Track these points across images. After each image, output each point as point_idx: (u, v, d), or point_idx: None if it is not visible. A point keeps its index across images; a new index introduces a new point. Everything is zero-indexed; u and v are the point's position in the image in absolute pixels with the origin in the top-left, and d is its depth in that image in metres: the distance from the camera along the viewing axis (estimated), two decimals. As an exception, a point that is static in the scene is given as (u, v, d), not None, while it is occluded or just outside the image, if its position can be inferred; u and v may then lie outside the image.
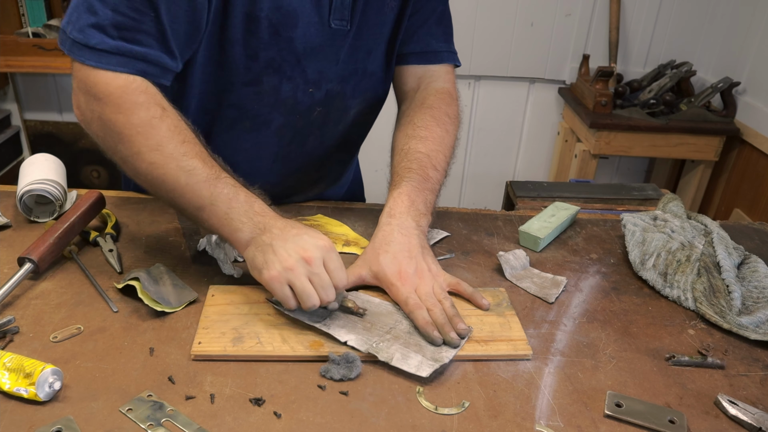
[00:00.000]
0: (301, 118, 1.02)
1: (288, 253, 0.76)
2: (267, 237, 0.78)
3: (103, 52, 0.79)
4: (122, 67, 0.80)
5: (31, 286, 0.86)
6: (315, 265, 0.76)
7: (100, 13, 0.78)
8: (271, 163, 1.06)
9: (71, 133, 2.77)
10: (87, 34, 0.79)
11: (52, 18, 2.50)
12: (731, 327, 0.84)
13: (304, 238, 0.77)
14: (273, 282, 0.76)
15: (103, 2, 0.78)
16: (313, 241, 0.77)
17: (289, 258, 0.75)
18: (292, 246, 0.76)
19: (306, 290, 0.75)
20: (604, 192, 1.38)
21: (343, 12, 0.94)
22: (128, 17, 0.79)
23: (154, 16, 0.80)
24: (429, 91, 1.07)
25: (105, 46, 0.79)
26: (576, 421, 0.68)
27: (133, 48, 0.80)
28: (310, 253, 0.76)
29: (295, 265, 0.75)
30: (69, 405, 0.66)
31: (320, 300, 0.76)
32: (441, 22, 1.08)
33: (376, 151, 1.30)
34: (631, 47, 2.58)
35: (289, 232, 0.78)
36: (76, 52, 0.80)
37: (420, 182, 0.95)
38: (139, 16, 0.79)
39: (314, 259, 0.76)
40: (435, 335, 0.77)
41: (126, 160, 0.82)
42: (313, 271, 0.76)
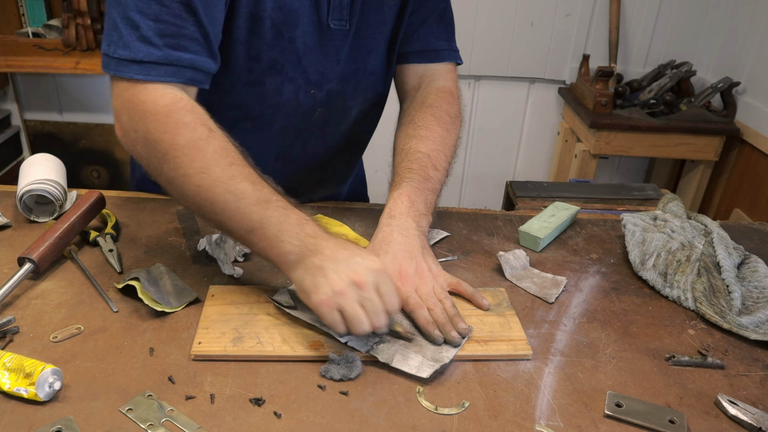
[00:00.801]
0: (303, 119, 1.02)
1: (339, 276, 0.72)
2: (318, 259, 0.74)
3: (151, 64, 0.78)
4: (172, 77, 0.79)
5: (31, 286, 0.86)
6: (367, 290, 0.72)
7: (142, 25, 0.77)
8: (272, 163, 1.06)
9: (71, 133, 2.77)
10: (133, 48, 0.77)
11: (52, 18, 2.50)
12: (731, 327, 0.84)
13: (356, 260, 0.74)
14: (322, 306, 0.73)
15: (143, 14, 0.77)
16: (366, 264, 0.74)
17: (339, 281, 0.72)
18: (344, 269, 0.73)
19: (357, 316, 0.72)
20: (604, 192, 1.38)
21: (341, 12, 0.94)
22: (170, 24, 0.78)
23: (194, 21, 0.80)
24: (430, 90, 1.07)
25: (153, 57, 0.78)
26: (576, 421, 0.68)
27: (181, 55, 0.80)
28: (363, 277, 0.72)
29: (346, 289, 0.72)
30: (69, 405, 0.66)
31: (371, 326, 0.73)
32: (442, 20, 1.08)
33: (377, 150, 1.30)
34: (631, 47, 2.58)
35: (340, 254, 0.75)
36: (123, 69, 0.78)
37: (420, 182, 0.95)
38: (181, 21, 0.79)
39: (366, 283, 0.72)
40: (436, 334, 0.77)
41: (172, 182, 0.80)
42: (364, 296, 0.72)
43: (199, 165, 0.77)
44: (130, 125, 0.80)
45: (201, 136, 0.78)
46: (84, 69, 2.34)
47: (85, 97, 2.72)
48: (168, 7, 0.78)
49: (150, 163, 0.81)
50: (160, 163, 0.79)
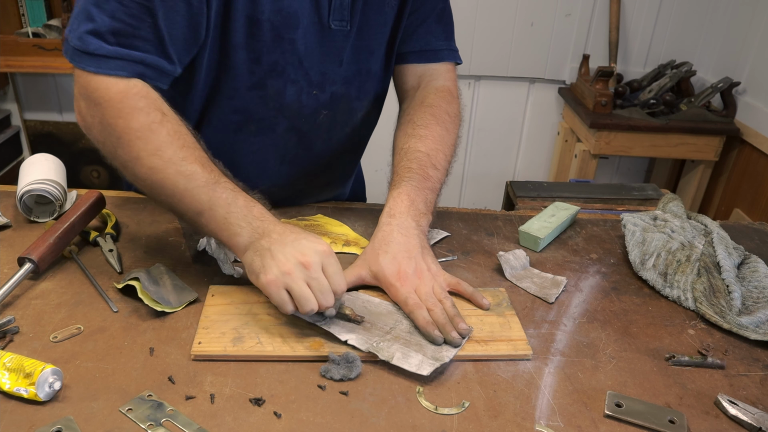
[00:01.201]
0: (307, 121, 1.02)
1: (286, 257, 0.75)
2: (265, 241, 0.77)
3: (101, 57, 0.79)
4: (120, 70, 0.80)
5: (31, 286, 0.86)
6: (313, 270, 0.75)
7: (97, 19, 0.79)
8: (278, 165, 1.06)
9: (71, 133, 2.77)
10: (85, 40, 0.79)
11: (52, 18, 2.50)
12: (731, 327, 0.84)
13: (302, 242, 0.76)
14: (270, 286, 0.75)
15: (101, 9, 0.78)
16: (312, 246, 0.76)
17: (287, 262, 0.74)
18: (291, 250, 0.75)
19: (304, 294, 0.74)
20: (604, 192, 1.38)
21: (342, 12, 0.93)
22: (126, 23, 0.79)
23: (151, 23, 0.80)
24: (429, 90, 1.07)
25: (103, 51, 0.79)
26: (576, 421, 0.68)
27: (131, 53, 0.81)
28: (309, 257, 0.75)
29: (293, 269, 0.74)
30: (69, 405, 0.66)
31: (318, 305, 0.75)
32: (441, 19, 1.08)
33: (376, 150, 1.30)
34: (631, 47, 2.58)
35: (287, 237, 0.77)
36: (76, 59, 0.80)
37: (420, 182, 0.95)
38: (137, 22, 0.80)
39: (313, 263, 0.75)
40: (436, 335, 0.77)
41: (126, 165, 0.82)
42: (311, 276, 0.74)
43: (152, 147, 0.79)
44: (87, 110, 0.82)
45: (155, 120, 0.80)
46: (84, 69, 2.34)
47: (85, 97, 2.71)
48: (126, 6, 0.79)
49: (106, 147, 0.83)
50: (115, 147, 0.81)
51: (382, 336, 0.78)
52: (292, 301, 0.75)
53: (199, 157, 0.81)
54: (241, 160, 1.02)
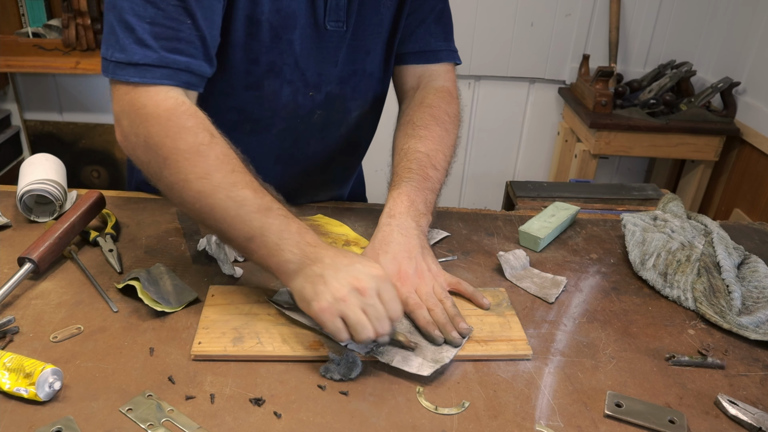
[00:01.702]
0: (302, 121, 1.02)
1: (340, 283, 0.71)
2: (318, 267, 0.73)
3: (147, 66, 0.78)
4: (168, 79, 0.79)
5: (31, 286, 0.86)
6: (369, 296, 0.71)
7: (138, 28, 0.77)
8: (272, 165, 1.06)
9: (71, 133, 2.77)
10: (129, 50, 0.77)
11: (52, 18, 2.50)
12: (731, 327, 0.84)
13: (357, 267, 0.73)
14: (323, 314, 0.71)
15: (139, 17, 0.77)
16: (367, 270, 0.73)
17: (341, 288, 0.71)
18: (344, 275, 0.72)
19: (360, 322, 0.70)
20: (604, 192, 1.38)
21: (338, 13, 0.93)
22: (166, 27, 0.78)
23: (191, 24, 0.79)
24: (428, 90, 1.07)
25: (149, 60, 0.78)
26: (576, 421, 0.68)
27: (177, 58, 0.79)
28: (364, 283, 0.71)
29: (348, 295, 0.71)
30: (69, 405, 0.66)
31: (375, 332, 0.71)
32: (440, 20, 1.08)
33: (376, 151, 1.30)
34: (631, 47, 2.58)
35: (340, 262, 0.74)
36: (119, 72, 0.78)
37: (420, 182, 0.95)
38: (177, 24, 0.79)
39: (368, 289, 0.71)
40: (436, 334, 0.77)
41: (172, 188, 0.79)
42: (367, 302, 0.71)
43: (201, 170, 0.76)
44: (130, 129, 0.80)
45: (203, 141, 0.78)
46: (84, 69, 2.34)
47: (85, 97, 2.72)
48: (164, 10, 0.77)
49: (150, 168, 0.80)
50: (161, 168, 0.78)
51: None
52: (346, 328, 0.72)
53: (250, 182, 0.78)
54: None
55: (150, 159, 0.79)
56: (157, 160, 0.78)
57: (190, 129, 0.78)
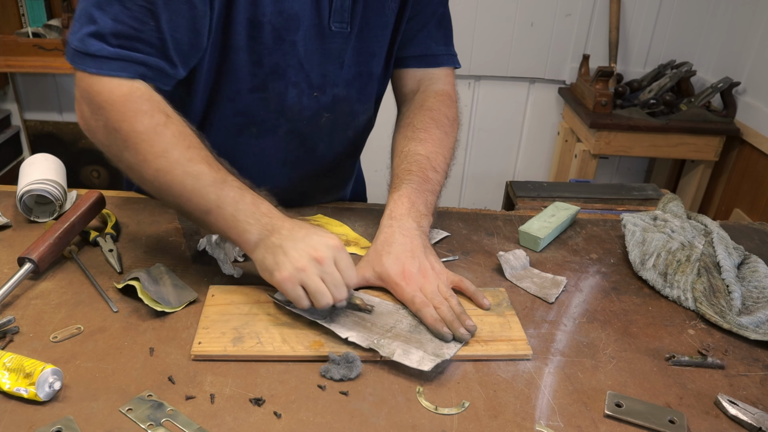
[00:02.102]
0: (308, 123, 1.02)
1: (299, 253, 0.76)
2: (276, 238, 0.78)
3: (102, 58, 0.79)
4: (122, 71, 0.80)
5: (31, 286, 0.86)
6: (326, 265, 0.76)
7: (99, 22, 0.78)
8: (279, 168, 1.06)
9: (71, 133, 2.77)
10: (86, 42, 0.79)
11: (52, 18, 2.50)
12: (731, 327, 0.84)
13: (313, 237, 0.78)
14: (285, 283, 0.76)
15: (103, 11, 0.78)
16: (324, 241, 0.77)
17: (300, 258, 0.76)
18: (303, 246, 0.76)
19: (319, 289, 0.75)
20: (604, 192, 1.38)
21: (342, 14, 0.94)
22: (128, 26, 0.79)
23: (154, 26, 0.80)
24: (428, 94, 1.07)
25: (104, 52, 0.79)
26: (576, 421, 0.68)
27: (133, 54, 0.80)
28: (321, 252, 0.76)
29: (307, 265, 0.75)
30: (69, 405, 0.66)
31: (333, 298, 0.76)
32: (441, 25, 1.08)
33: (376, 151, 1.30)
34: (631, 47, 2.58)
35: (298, 233, 0.78)
36: (78, 61, 0.80)
37: (420, 184, 0.95)
38: (140, 25, 0.79)
39: (325, 258, 0.76)
40: (445, 331, 0.78)
41: (132, 168, 0.82)
42: (325, 270, 0.76)
43: (158, 149, 0.79)
44: (90, 114, 0.82)
45: (159, 122, 0.80)
46: (84, 69, 2.34)
47: (85, 97, 2.71)
48: (129, 9, 0.78)
49: (111, 150, 0.83)
50: (121, 150, 0.81)
51: (383, 334, 0.78)
52: (307, 296, 0.76)
53: (206, 157, 0.82)
54: (242, 163, 1.02)
55: (110, 142, 0.82)
56: (116, 143, 0.81)
57: (146, 112, 0.80)
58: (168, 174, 0.80)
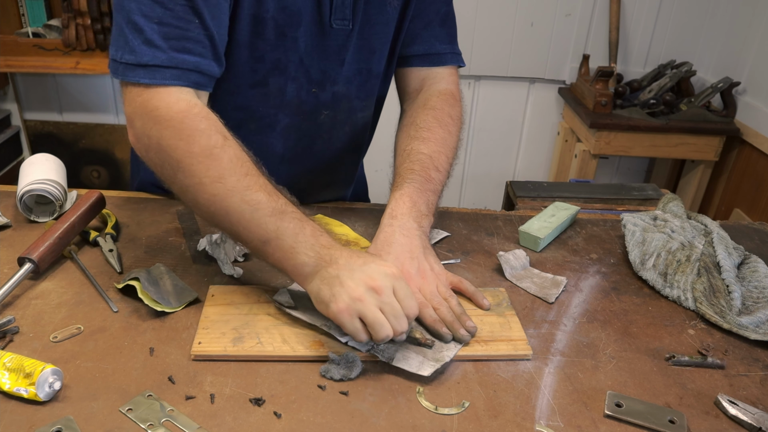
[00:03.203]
0: (307, 119, 1.02)
1: (356, 283, 0.72)
2: (333, 269, 0.74)
3: (156, 67, 0.78)
4: (177, 80, 0.79)
5: (31, 286, 0.86)
6: (385, 295, 0.72)
7: (146, 29, 0.77)
8: (277, 164, 1.06)
9: (71, 133, 2.77)
10: (138, 52, 0.78)
11: (52, 18, 2.50)
12: (731, 327, 0.84)
13: (371, 266, 0.74)
14: (342, 315, 0.72)
15: (147, 18, 0.77)
16: (381, 270, 0.74)
17: (357, 288, 0.72)
18: (360, 276, 0.73)
19: (378, 321, 0.71)
20: (604, 192, 1.38)
21: (344, 11, 0.94)
22: (174, 27, 0.78)
23: (199, 23, 0.80)
24: (432, 93, 1.07)
25: (157, 60, 0.78)
26: (576, 421, 0.68)
27: (186, 58, 0.79)
28: (379, 282, 0.72)
29: (364, 295, 0.71)
30: (69, 405, 0.66)
31: (393, 330, 0.72)
32: (445, 23, 1.08)
33: (377, 151, 1.30)
34: (631, 47, 2.58)
35: (355, 262, 0.74)
36: (130, 74, 0.78)
37: (422, 183, 0.95)
38: (186, 24, 0.79)
39: (384, 288, 0.72)
40: (444, 332, 0.77)
41: (186, 190, 0.79)
42: (383, 301, 0.72)
43: (215, 174, 0.77)
44: (143, 131, 0.80)
45: (216, 144, 0.78)
46: (84, 69, 2.34)
47: (85, 97, 2.72)
48: (172, 10, 0.78)
49: (163, 171, 0.80)
50: (174, 171, 0.78)
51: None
52: (365, 328, 0.72)
53: (264, 185, 0.79)
54: None
55: (163, 161, 0.79)
56: (170, 163, 0.78)
57: (203, 132, 0.78)
58: (224, 201, 0.77)
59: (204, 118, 0.79)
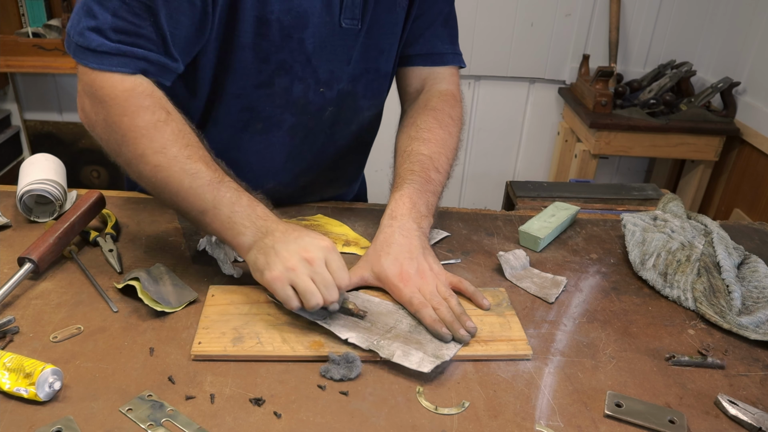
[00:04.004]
0: (313, 118, 1.02)
1: (290, 253, 0.76)
2: (269, 240, 0.78)
3: (103, 53, 0.80)
4: (123, 66, 0.81)
5: (31, 286, 0.86)
6: (317, 265, 0.76)
7: (99, 17, 0.79)
8: (283, 163, 1.06)
9: (71, 133, 2.77)
10: (87, 37, 0.79)
11: (52, 18, 2.50)
12: (731, 327, 0.84)
13: (305, 239, 0.78)
14: (275, 282, 0.76)
15: (103, 6, 0.79)
16: (315, 242, 0.78)
17: (291, 258, 0.76)
18: (294, 247, 0.77)
19: (309, 289, 0.75)
20: (604, 192, 1.38)
21: (353, 11, 0.94)
22: (127, 21, 0.79)
23: (153, 21, 0.81)
24: (433, 93, 1.07)
25: (105, 47, 0.79)
26: (576, 421, 0.68)
27: (134, 50, 0.81)
28: (312, 253, 0.76)
29: (297, 264, 0.75)
30: (69, 405, 0.66)
31: (323, 299, 0.76)
32: (447, 23, 1.08)
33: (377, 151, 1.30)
34: (631, 47, 2.58)
35: (290, 235, 0.79)
36: (79, 55, 0.81)
37: (422, 184, 0.95)
38: (139, 20, 0.80)
39: (316, 259, 0.76)
40: (444, 332, 0.77)
41: (130, 163, 0.82)
42: (315, 271, 0.76)
43: (157, 145, 0.80)
44: (91, 108, 0.83)
45: (160, 118, 0.81)
46: (84, 69, 2.34)
47: (85, 97, 2.71)
48: (128, 4, 0.79)
49: (109, 145, 0.83)
50: (119, 144, 0.81)
51: (383, 335, 0.78)
52: (297, 296, 0.76)
53: (203, 156, 0.82)
54: (246, 159, 1.02)
55: (109, 136, 0.82)
56: (115, 138, 0.81)
57: (147, 108, 0.81)
58: (166, 170, 0.80)
59: (148, 95, 0.82)
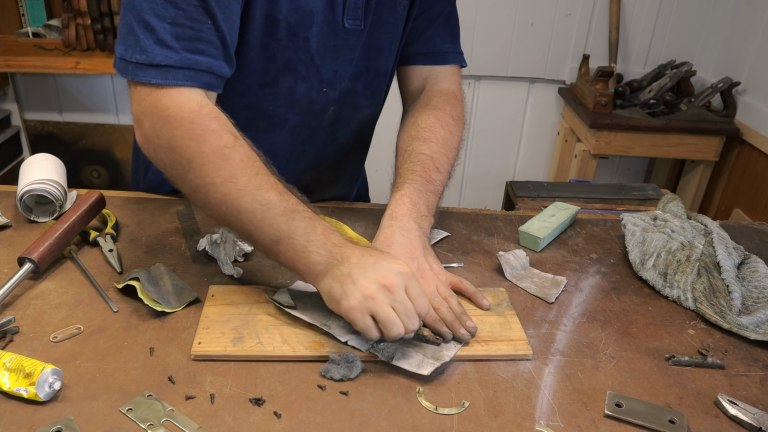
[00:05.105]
0: (315, 117, 1.02)
1: (368, 281, 0.72)
2: (345, 267, 0.74)
3: (168, 68, 0.77)
4: (189, 80, 0.79)
5: (31, 286, 0.86)
6: (397, 293, 0.72)
7: (158, 28, 0.77)
8: (285, 162, 1.06)
9: (71, 133, 2.77)
10: (150, 51, 0.77)
11: (52, 18, 2.50)
12: (731, 327, 0.84)
13: (383, 264, 0.74)
14: (353, 312, 0.71)
15: (160, 17, 0.77)
16: (393, 267, 0.74)
17: (369, 286, 0.71)
18: (372, 274, 0.73)
19: (390, 318, 0.71)
20: (604, 192, 1.38)
21: (356, 11, 0.94)
22: (187, 27, 0.78)
23: (211, 24, 0.79)
24: (434, 92, 1.07)
25: (170, 61, 0.77)
26: (576, 421, 0.68)
27: (198, 59, 0.79)
28: (391, 280, 0.72)
29: (377, 293, 0.71)
30: (69, 405, 0.66)
31: (404, 328, 0.72)
32: (448, 22, 1.08)
33: (377, 151, 1.30)
34: (631, 47, 2.58)
35: (367, 260, 0.74)
36: (140, 73, 0.78)
37: (422, 184, 0.95)
38: (198, 25, 0.78)
39: (396, 286, 0.72)
40: (444, 331, 0.77)
41: (197, 190, 0.79)
42: (396, 299, 0.72)
43: (226, 173, 0.76)
44: (152, 131, 0.79)
45: (227, 144, 0.78)
46: (84, 69, 2.34)
47: (85, 97, 2.72)
48: (184, 10, 0.77)
49: (173, 171, 0.80)
50: (185, 171, 0.78)
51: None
52: (376, 326, 0.72)
53: (274, 185, 0.78)
54: None
55: (173, 162, 0.79)
56: (181, 163, 0.78)
57: (214, 131, 0.78)
58: (236, 201, 0.76)
59: (215, 118, 0.79)
